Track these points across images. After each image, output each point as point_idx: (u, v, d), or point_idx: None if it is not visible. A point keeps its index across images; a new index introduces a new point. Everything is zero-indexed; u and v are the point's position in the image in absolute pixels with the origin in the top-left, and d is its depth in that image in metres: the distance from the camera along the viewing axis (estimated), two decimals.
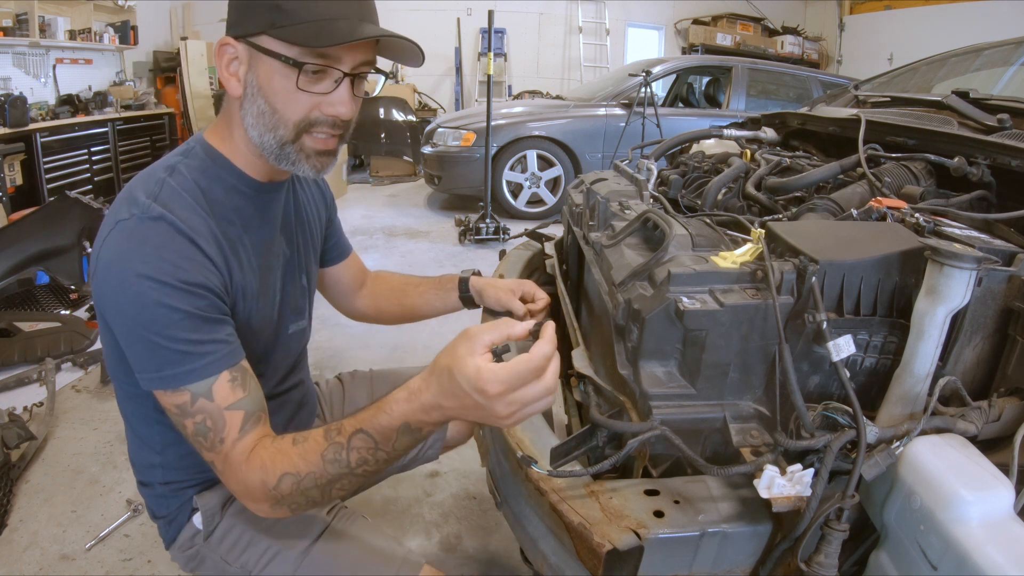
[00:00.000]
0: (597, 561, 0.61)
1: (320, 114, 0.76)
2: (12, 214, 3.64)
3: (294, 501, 0.70)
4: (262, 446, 0.72)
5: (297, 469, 0.68)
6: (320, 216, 1.04)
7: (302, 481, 0.68)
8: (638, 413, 0.74)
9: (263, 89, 0.74)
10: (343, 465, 0.68)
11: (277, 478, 0.69)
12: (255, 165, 0.82)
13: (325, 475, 0.68)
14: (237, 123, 0.79)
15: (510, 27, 7.95)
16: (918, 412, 0.63)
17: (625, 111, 4.80)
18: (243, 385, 0.73)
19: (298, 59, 0.72)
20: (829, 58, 8.60)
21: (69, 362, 2.40)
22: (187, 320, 0.70)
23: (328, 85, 0.75)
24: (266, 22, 0.72)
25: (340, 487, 0.70)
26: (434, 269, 3.75)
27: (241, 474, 0.70)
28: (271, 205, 0.88)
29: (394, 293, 1.21)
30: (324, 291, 1.17)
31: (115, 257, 0.70)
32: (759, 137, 1.56)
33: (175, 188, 0.75)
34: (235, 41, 0.75)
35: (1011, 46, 1.67)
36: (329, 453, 0.68)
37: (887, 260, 0.68)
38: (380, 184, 6.34)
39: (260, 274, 0.85)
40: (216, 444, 0.71)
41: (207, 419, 0.71)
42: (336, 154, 0.82)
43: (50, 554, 1.49)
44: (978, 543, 0.51)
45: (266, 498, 0.70)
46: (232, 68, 0.76)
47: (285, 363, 0.98)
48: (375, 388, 1.22)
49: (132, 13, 5.66)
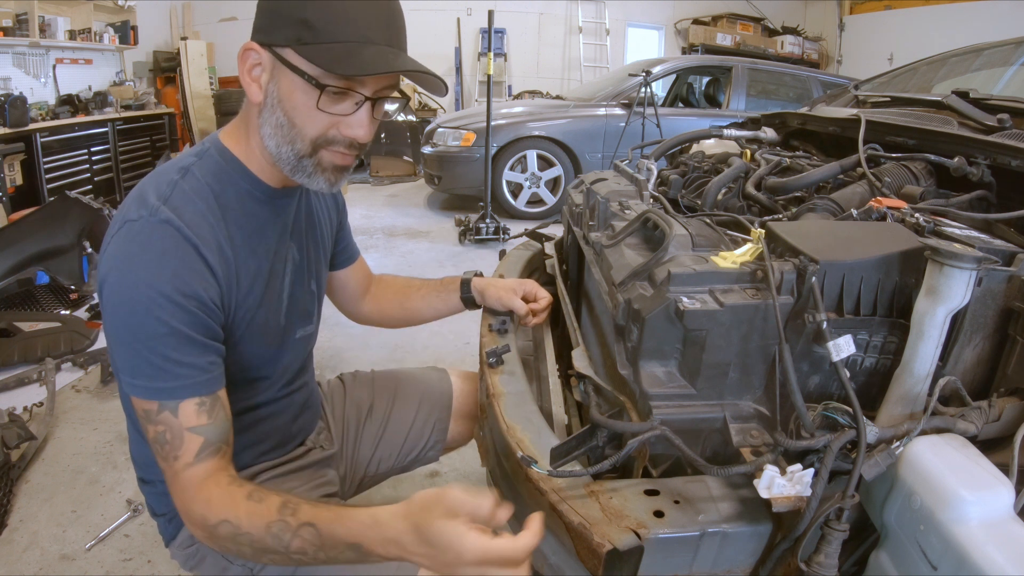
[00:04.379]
0: (597, 561, 0.61)
1: (338, 133, 0.76)
2: (12, 214, 3.64)
3: (224, 546, 0.71)
4: (215, 482, 0.72)
5: (239, 523, 0.69)
6: (332, 221, 1.04)
7: (239, 536, 0.69)
8: (638, 413, 0.74)
9: (283, 102, 0.74)
10: (282, 544, 0.68)
11: (217, 520, 0.69)
12: (269, 172, 0.82)
13: (262, 543, 0.68)
14: (255, 130, 0.78)
15: (510, 27, 7.95)
16: (918, 412, 0.63)
17: (625, 111, 4.80)
18: (210, 413, 0.73)
19: (321, 80, 0.71)
20: (829, 58, 8.60)
21: (69, 362, 2.40)
22: (173, 337, 0.70)
23: (348, 107, 0.74)
24: (293, 36, 0.71)
25: (271, 559, 0.70)
26: (434, 269, 3.75)
27: (185, 498, 0.72)
28: (283, 211, 0.88)
29: (397, 296, 1.21)
30: (331, 294, 1.16)
31: (118, 258, 0.70)
32: (759, 137, 1.56)
33: (186, 191, 0.75)
34: (260, 48, 0.74)
35: (1011, 46, 1.67)
36: (275, 528, 0.68)
37: (887, 260, 0.68)
38: (380, 184, 6.34)
39: (267, 279, 0.85)
40: (170, 458, 0.72)
41: (167, 432, 0.71)
42: (350, 171, 0.82)
43: (50, 554, 1.49)
44: (978, 543, 0.51)
45: (202, 529, 0.71)
46: (254, 74, 0.75)
47: (293, 367, 0.98)
48: (376, 388, 1.22)
49: (132, 13, 5.66)
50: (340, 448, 1.13)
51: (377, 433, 1.18)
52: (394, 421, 1.19)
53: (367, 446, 1.17)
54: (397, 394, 1.21)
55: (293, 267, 0.91)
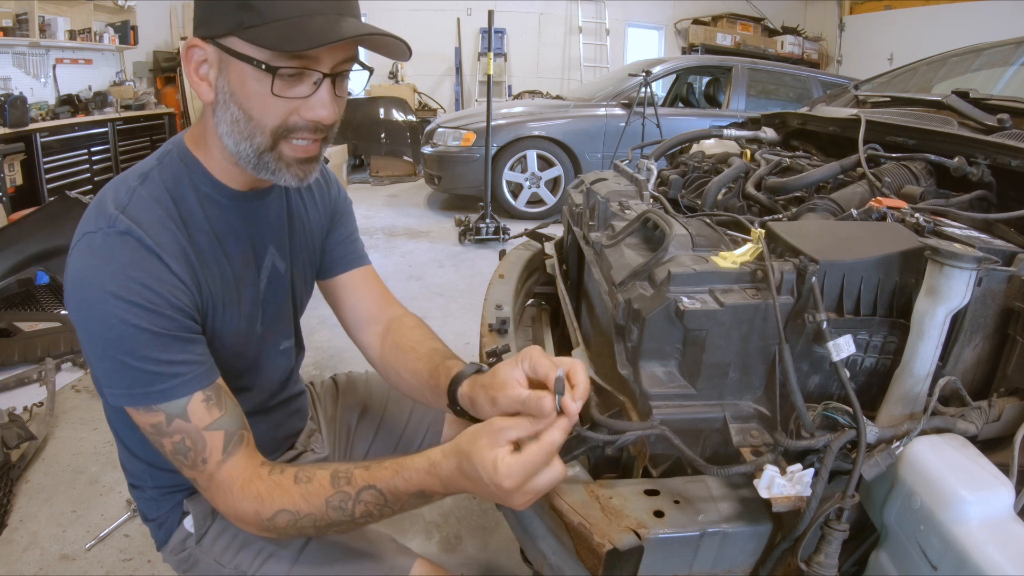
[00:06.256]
0: (597, 561, 0.61)
1: (300, 119, 0.70)
2: (12, 214, 3.64)
3: (286, 533, 0.70)
4: (258, 476, 0.70)
5: (297, 508, 0.68)
6: (322, 224, 0.97)
7: (300, 520, 0.69)
8: (638, 413, 0.74)
9: (236, 95, 0.69)
10: (346, 514, 0.68)
11: (273, 512, 0.69)
12: (232, 173, 0.78)
13: (325, 518, 0.68)
14: (211, 130, 0.74)
15: (510, 27, 7.95)
16: (918, 412, 0.63)
17: (625, 111, 4.80)
18: (219, 404, 0.72)
19: (271, 63, 0.65)
20: (829, 58, 8.60)
21: (69, 362, 2.40)
22: (155, 340, 0.68)
23: (306, 88, 0.69)
24: (234, 22, 0.65)
25: (337, 530, 0.71)
26: (434, 269, 3.74)
27: (231, 499, 0.70)
28: (254, 215, 0.83)
29: (395, 353, 0.98)
30: (334, 309, 1.07)
31: (81, 272, 0.68)
32: (759, 137, 1.56)
33: (145, 198, 0.72)
34: (203, 43, 0.68)
35: (1011, 46, 1.67)
36: (335, 500, 0.68)
37: (887, 260, 0.68)
38: (380, 184, 6.34)
39: (236, 286, 0.81)
40: (199, 464, 0.70)
41: (186, 439, 0.69)
42: (319, 159, 0.77)
43: (50, 554, 1.49)
44: (978, 543, 0.51)
45: (256, 525, 0.70)
46: (202, 71, 0.70)
47: (276, 378, 0.95)
48: (370, 390, 1.21)
49: (132, 13, 5.66)
50: (332, 451, 1.12)
51: (370, 435, 1.17)
52: (387, 423, 1.18)
53: (360, 448, 1.16)
54: (391, 395, 1.19)
55: (272, 274, 0.87)
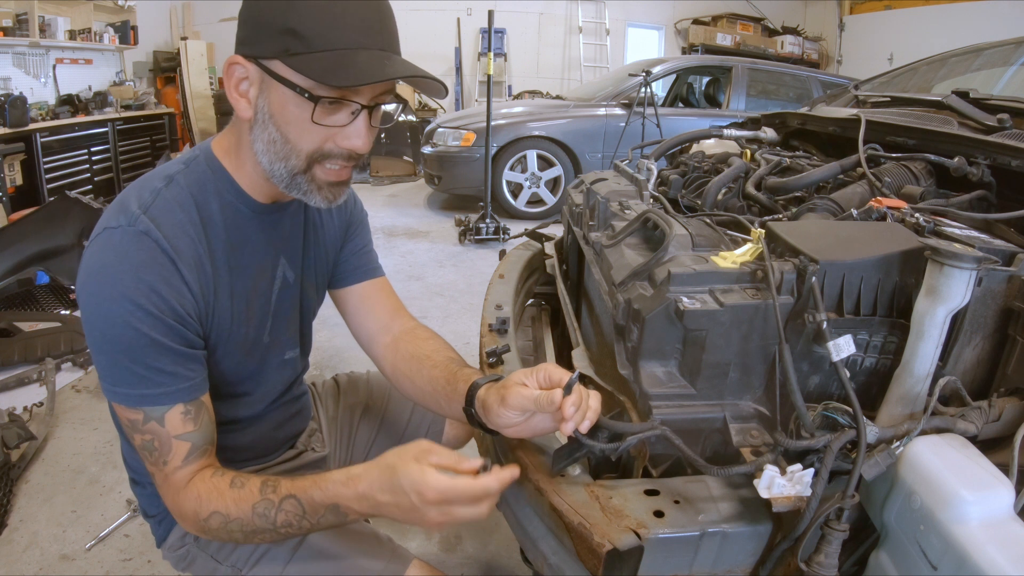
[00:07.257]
0: (597, 561, 0.61)
1: (335, 146, 0.72)
2: (12, 214, 3.64)
3: (218, 536, 0.74)
4: (201, 478, 0.74)
5: (227, 511, 0.72)
6: (336, 237, 0.98)
7: (229, 523, 0.72)
8: (638, 413, 0.74)
9: (275, 117, 0.71)
10: (269, 521, 0.71)
11: (208, 513, 0.72)
12: (260, 187, 0.79)
13: (251, 524, 0.72)
14: (246, 145, 0.75)
15: (510, 27, 7.95)
16: (918, 412, 0.63)
17: (625, 111, 4.80)
18: (195, 419, 0.75)
19: (314, 92, 0.67)
20: (829, 58, 8.60)
21: (69, 362, 2.40)
22: (152, 347, 0.70)
23: (344, 117, 0.71)
24: (280, 47, 0.67)
25: (261, 538, 0.74)
26: (434, 269, 3.74)
27: (177, 498, 0.74)
28: (273, 227, 0.85)
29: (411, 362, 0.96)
30: (346, 320, 1.07)
31: (95, 266, 0.69)
32: (759, 137, 1.56)
33: (168, 200, 0.73)
34: (245, 61, 0.70)
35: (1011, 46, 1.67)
36: (259, 507, 0.71)
37: (887, 260, 0.68)
38: (380, 184, 6.34)
39: (249, 296, 0.83)
40: (159, 463, 0.74)
41: (155, 440, 0.73)
42: (349, 183, 0.79)
43: (50, 554, 1.49)
44: (978, 543, 0.51)
45: (195, 525, 0.74)
46: (242, 88, 0.72)
47: (277, 386, 0.96)
48: (371, 389, 1.21)
49: (132, 13, 5.67)
50: (333, 450, 1.13)
51: (371, 435, 1.17)
52: (388, 422, 1.18)
53: (361, 448, 1.17)
54: (392, 395, 1.20)
55: (282, 285, 0.88)
